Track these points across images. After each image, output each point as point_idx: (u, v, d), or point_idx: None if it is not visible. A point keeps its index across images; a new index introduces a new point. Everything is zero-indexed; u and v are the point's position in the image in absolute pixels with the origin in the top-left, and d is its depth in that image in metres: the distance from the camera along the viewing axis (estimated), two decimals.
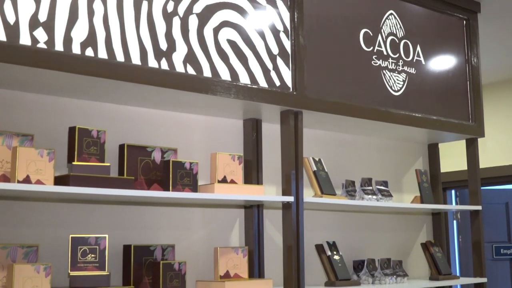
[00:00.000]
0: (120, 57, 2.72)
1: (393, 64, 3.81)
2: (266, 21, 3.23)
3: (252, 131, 3.44)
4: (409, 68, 3.90)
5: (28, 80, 2.65)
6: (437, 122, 3.97)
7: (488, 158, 5.83)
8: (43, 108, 2.85)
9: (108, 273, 2.69)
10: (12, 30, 2.44)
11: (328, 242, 3.56)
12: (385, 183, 3.84)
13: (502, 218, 6.29)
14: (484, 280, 4.11)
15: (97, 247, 2.70)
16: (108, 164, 2.76)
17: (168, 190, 2.89)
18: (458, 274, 5.73)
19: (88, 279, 2.64)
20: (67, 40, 2.57)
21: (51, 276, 2.53)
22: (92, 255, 2.69)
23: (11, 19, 2.44)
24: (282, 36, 3.29)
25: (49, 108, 2.87)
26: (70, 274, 2.62)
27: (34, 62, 2.46)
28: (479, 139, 4.29)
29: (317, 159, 3.56)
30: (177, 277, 2.85)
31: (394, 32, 3.85)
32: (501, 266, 6.16)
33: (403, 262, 4.13)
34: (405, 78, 3.87)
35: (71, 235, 2.68)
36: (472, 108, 4.21)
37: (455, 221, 6.41)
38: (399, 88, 3.82)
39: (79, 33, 2.61)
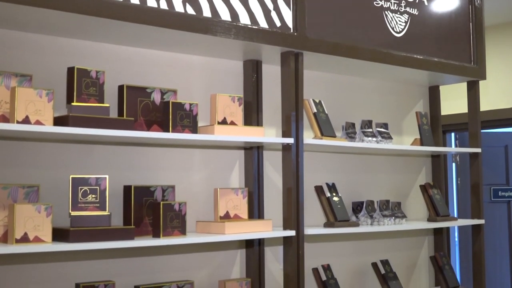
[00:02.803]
0: None
1: (395, 5, 3.76)
2: None
3: (252, 72, 3.42)
4: (411, 9, 3.85)
5: (26, 19, 2.61)
6: (439, 64, 3.94)
7: (490, 101, 5.80)
8: (42, 49, 2.83)
9: (108, 213, 2.71)
10: None
11: (327, 184, 3.57)
12: (385, 125, 3.84)
13: (501, 161, 6.31)
14: (481, 221, 4.15)
15: (98, 187, 2.71)
16: (107, 105, 2.75)
17: (168, 131, 2.89)
18: (456, 216, 5.78)
19: (89, 219, 2.66)
20: None
21: (52, 216, 2.55)
22: (93, 196, 2.70)
23: None
24: None
25: (48, 48, 2.84)
26: (71, 214, 2.64)
27: (32, 1, 2.42)
28: (480, 82, 4.27)
29: (317, 101, 3.54)
30: (177, 218, 2.87)
31: None
32: (499, 208, 6.21)
33: (402, 203, 4.16)
34: (407, 19, 3.82)
35: (71, 176, 2.68)
36: (474, 50, 4.17)
37: (454, 164, 6.43)
38: (401, 30, 3.77)
39: None
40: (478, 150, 4.16)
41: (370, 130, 3.72)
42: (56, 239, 2.58)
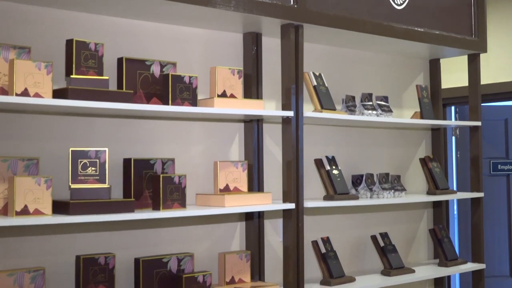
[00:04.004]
0: None
1: None
2: None
3: (252, 45, 3.40)
4: None
5: None
6: (440, 37, 3.92)
7: (490, 74, 5.78)
8: (40, 21, 2.80)
9: (108, 186, 2.71)
10: None
11: (327, 157, 3.57)
12: (385, 98, 3.83)
13: (501, 135, 6.31)
14: (481, 195, 4.16)
15: (97, 160, 2.71)
16: (106, 77, 2.73)
17: (168, 104, 2.88)
18: (455, 189, 5.80)
19: (89, 191, 2.66)
20: None
21: (52, 189, 2.55)
22: (93, 168, 2.70)
23: None
24: None
25: (47, 20, 2.82)
26: (71, 186, 2.65)
27: None
28: (481, 55, 4.25)
29: (317, 74, 3.53)
30: (177, 190, 2.88)
31: None
32: (498, 181, 6.22)
33: (402, 176, 4.17)
34: None
35: (71, 148, 2.68)
36: (475, 23, 4.15)
37: (453, 137, 6.43)
38: (402, 2, 3.74)
39: None
40: (478, 123, 4.16)
41: (370, 103, 3.72)
42: (56, 212, 2.58)
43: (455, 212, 6.43)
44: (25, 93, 2.47)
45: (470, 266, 4.14)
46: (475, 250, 4.19)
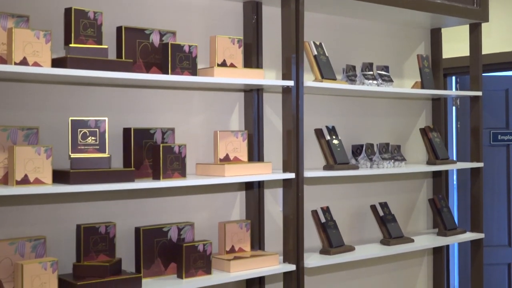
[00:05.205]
0: None
1: None
2: None
3: (252, 14, 3.38)
4: None
5: None
6: (441, 6, 3.89)
7: (492, 44, 5.74)
8: None
9: (108, 155, 2.71)
10: None
11: (327, 127, 3.57)
12: (386, 68, 3.81)
13: (501, 105, 6.29)
14: (480, 165, 4.16)
15: (97, 129, 2.71)
16: (106, 46, 2.72)
17: (167, 73, 2.87)
18: (455, 159, 5.80)
19: (89, 161, 2.66)
20: None
21: (52, 158, 2.55)
22: (93, 138, 2.70)
23: None
24: None
25: None
26: (71, 156, 2.64)
27: None
28: (483, 25, 4.22)
29: (318, 43, 3.51)
30: (177, 160, 2.88)
31: None
32: (498, 151, 6.22)
33: (402, 146, 4.17)
34: None
35: (70, 118, 2.67)
36: None
37: (454, 107, 6.41)
38: None
39: None
40: (479, 93, 4.15)
41: (371, 73, 3.70)
42: (56, 181, 2.59)
43: (455, 182, 6.44)
44: (24, 62, 2.45)
45: (469, 236, 4.17)
46: (474, 219, 4.21)
